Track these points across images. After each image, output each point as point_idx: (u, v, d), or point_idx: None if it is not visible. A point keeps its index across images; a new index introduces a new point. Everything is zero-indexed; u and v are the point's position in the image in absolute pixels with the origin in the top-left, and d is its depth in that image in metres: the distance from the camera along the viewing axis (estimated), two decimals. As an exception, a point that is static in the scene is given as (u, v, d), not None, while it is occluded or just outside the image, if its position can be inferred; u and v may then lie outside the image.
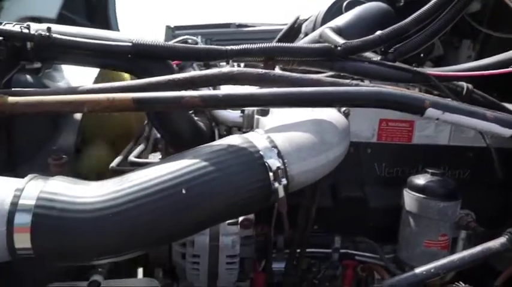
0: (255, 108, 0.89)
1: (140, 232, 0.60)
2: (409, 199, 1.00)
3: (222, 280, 0.92)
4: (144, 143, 1.07)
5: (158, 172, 0.64)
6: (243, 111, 0.95)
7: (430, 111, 0.70)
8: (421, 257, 0.97)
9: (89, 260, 0.64)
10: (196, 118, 1.03)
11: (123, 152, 1.01)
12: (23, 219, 0.59)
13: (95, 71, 1.01)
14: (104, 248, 0.61)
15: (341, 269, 1.13)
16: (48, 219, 0.59)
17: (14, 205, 0.59)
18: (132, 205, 0.59)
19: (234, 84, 0.77)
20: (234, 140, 0.71)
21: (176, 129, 0.93)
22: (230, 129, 1.02)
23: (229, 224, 0.89)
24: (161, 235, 0.63)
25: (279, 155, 0.69)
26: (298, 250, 1.04)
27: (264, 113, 0.88)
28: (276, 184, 0.67)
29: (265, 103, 0.73)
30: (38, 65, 0.93)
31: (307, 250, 1.06)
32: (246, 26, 2.99)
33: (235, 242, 0.89)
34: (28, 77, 0.84)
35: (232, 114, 0.98)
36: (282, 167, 0.68)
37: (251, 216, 0.93)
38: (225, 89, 0.79)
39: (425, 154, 1.10)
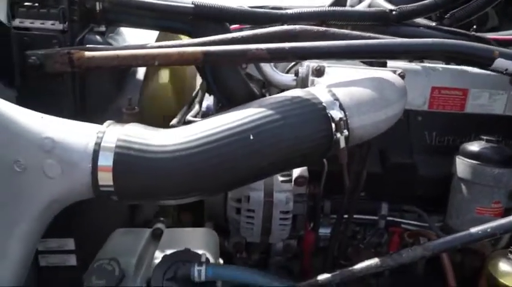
0: (310, 70, 0.90)
1: (213, 173, 0.64)
2: (462, 166, 0.99)
3: (274, 236, 0.96)
4: (198, 106, 1.11)
5: (227, 119, 0.67)
6: (296, 74, 0.97)
7: (499, 62, 0.69)
8: (472, 224, 0.94)
9: (163, 198, 0.68)
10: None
11: (179, 113, 1.05)
12: (105, 158, 0.64)
13: (153, 36, 1.05)
14: (177, 187, 0.65)
15: (387, 236, 1.14)
16: (128, 158, 0.64)
17: (98, 145, 0.64)
18: (206, 147, 0.63)
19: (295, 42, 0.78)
20: (297, 92, 0.73)
21: (231, 89, 0.96)
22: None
23: (283, 181, 0.92)
24: (231, 177, 0.66)
25: (341, 107, 0.70)
26: (346, 216, 1.06)
27: (320, 74, 0.89)
28: (338, 135, 0.69)
29: (331, 55, 0.74)
30: (102, 28, 0.99)
31: (354, 216, 1.08)
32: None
33: (289, 198, 0.92)
34: (98, 37, 0.90)
35: (285, 77, 1.00)
36: (344, 118, 0.70)
37: (306, 173, 0.95)
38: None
39: (478, 123, 1.08)
